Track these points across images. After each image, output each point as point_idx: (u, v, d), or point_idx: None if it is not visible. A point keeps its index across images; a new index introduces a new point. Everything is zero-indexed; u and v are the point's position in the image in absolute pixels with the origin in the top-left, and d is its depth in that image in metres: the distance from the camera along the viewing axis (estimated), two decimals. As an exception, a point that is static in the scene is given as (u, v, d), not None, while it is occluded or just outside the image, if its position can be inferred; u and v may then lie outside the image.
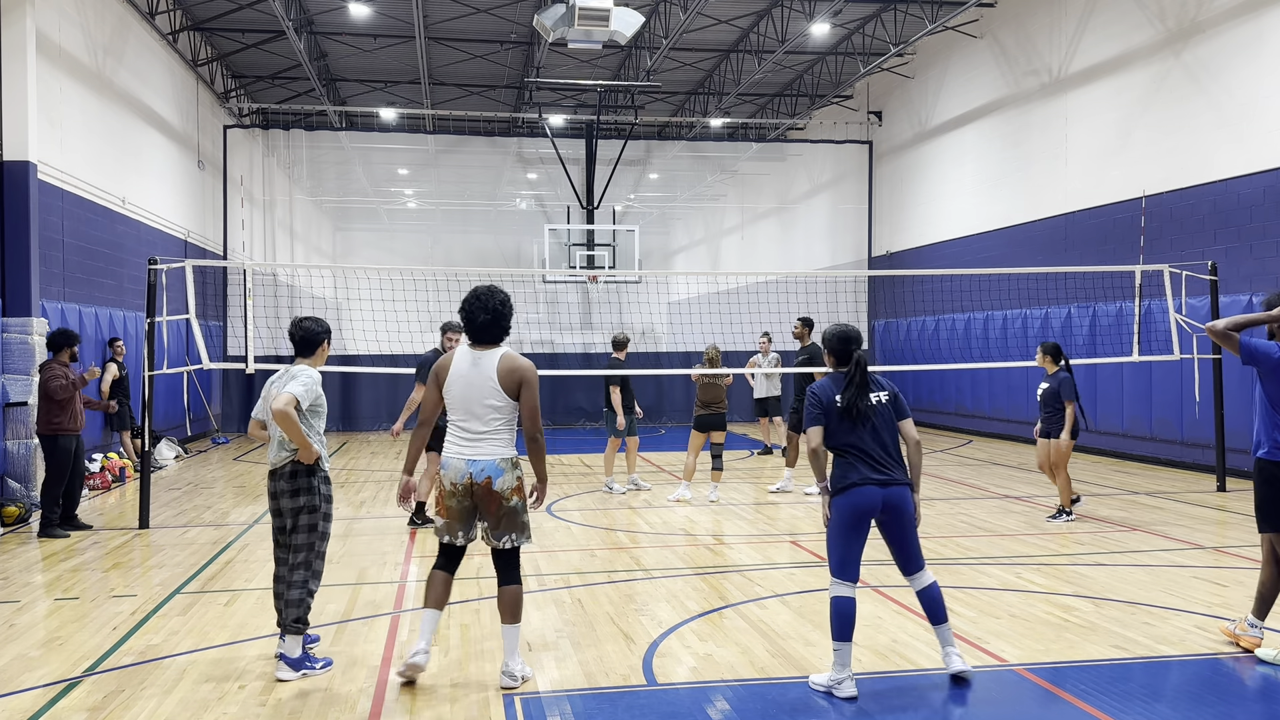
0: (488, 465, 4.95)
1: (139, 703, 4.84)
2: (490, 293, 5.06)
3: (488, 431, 4.97)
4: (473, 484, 4.95)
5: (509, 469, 4.99)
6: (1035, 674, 5.19)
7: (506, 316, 5.01)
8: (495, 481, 4.94)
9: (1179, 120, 13.32)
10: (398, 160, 21.91)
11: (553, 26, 13.56)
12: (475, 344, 5.05)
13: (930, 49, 19.37)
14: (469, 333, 5.07)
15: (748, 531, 9.21)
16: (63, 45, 12.42)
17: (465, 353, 5.05)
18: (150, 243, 15.35)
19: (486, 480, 4.93)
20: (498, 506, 4.96)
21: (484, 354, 5.01)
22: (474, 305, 5.03)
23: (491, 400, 4.94)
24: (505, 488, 4.96)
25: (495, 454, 4.96)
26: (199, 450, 16.56)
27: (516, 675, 5.06)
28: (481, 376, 4.95)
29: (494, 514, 4.98)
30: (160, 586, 7.22)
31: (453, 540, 5.11)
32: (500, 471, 4.96)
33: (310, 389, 5.30)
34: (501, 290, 5.10)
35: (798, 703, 4.82)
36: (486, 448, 4.96)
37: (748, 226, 23.71)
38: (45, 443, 9.33)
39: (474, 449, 4.97)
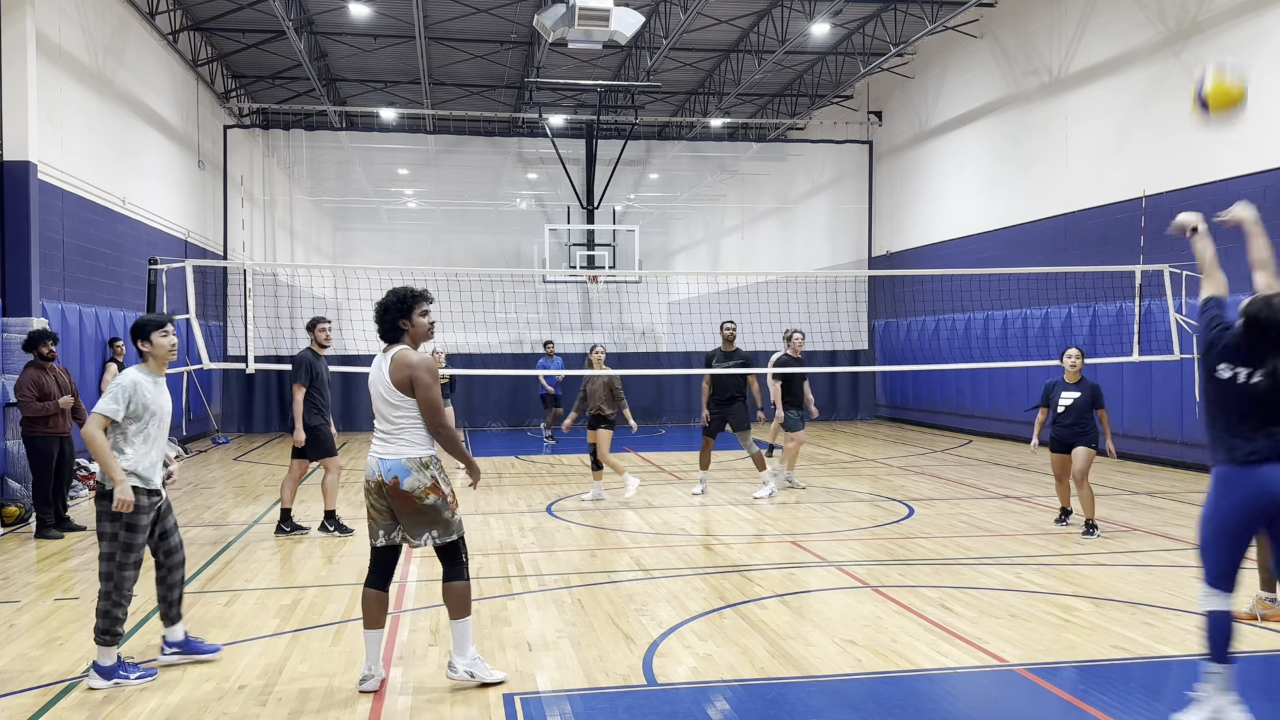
0: (394, 465, 4.87)
1: (139, 703, 4.85)
2: (388, 293, 5.04)
3: (392, 430, 4.93)
4: (382, 483, 4.88)
5: (417, 468, 4.87)
6: (1035, 674, 5.19)
7: (390, 312, 4.96)
8: (403, 481, 4.84)
9: (1179, 120, 13.32)
10: (398, 160, 21.92)
11: (553, 26, 13.57)
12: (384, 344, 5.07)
13: (930, 49, 19.37)
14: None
15: (747, 532, 9.21)
16: (63, 45, 12.42)
17: (378, 354, 5.09)
18: (150, 243, 15.35)
19: (394, 480, 4.85)
20: (410, 506, 4.88)
21: (384, 354, 5.02)
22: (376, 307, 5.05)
23: (389, 398, 4.91)
24: (416, 488, 4.86)
25: (402, 453, 4.88)
26: (199, 450, 16.57)
27: (459, 670, 4.99)
28: (381, 376, 4.96)
29: (407, 514, 4.90)
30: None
31: (374, 541, 5.05)
32: (407, 471, 4.86)
33: (116, 398, 5.09)
34: (400, 288, 5.03)
35: (797, 703, 4.82)
36: (393, 447, 4.91)
37: (748, 226, 23.71)
38: (25, 444, 9.32)
39: (383, 448, 4.94)
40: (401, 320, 4.98)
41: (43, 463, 9.17)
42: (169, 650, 5.47)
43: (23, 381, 9.18)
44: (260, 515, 10.24)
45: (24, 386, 9.13)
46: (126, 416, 5.14)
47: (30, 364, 9.31)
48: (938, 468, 13.78)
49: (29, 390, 9.09)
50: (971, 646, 5.62)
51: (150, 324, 5.31)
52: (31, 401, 9.05)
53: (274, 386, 20.16)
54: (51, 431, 9.20)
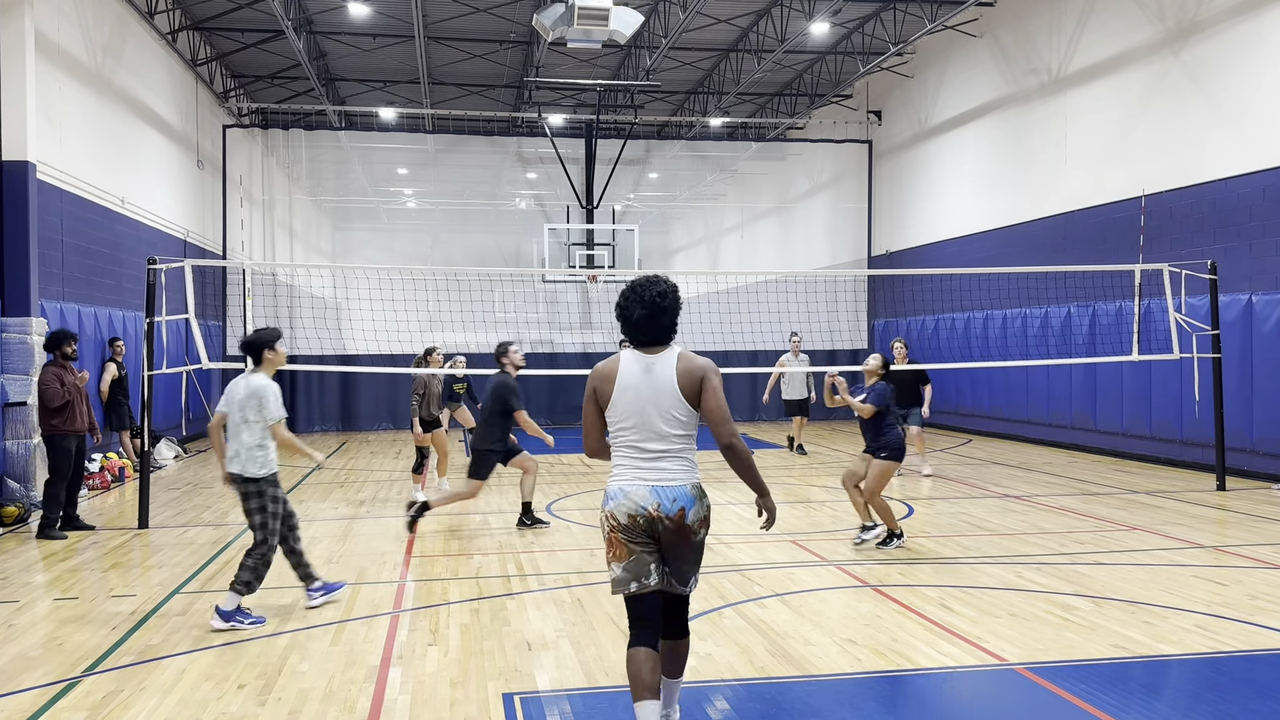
0: (679, 493, 3.99)
1: (138, 703, 4.84)
2: (649, 284, 4.09)
3: (670, 451, 4.03)
4: (662, 517, 3.97)
5: (700, 496, 4.06)
6: (1035, 673, 5.18)
7: (670, 313, 4.05)
8: (689, 514, 4.00)
9: (1178, 119, 13.31)
10: (397, 160, 21.90)
11: (552, 26, 13.55)
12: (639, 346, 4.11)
13: (930, 48, 19.36)
14: (627, 333, 4.15)
15: (747, 531, 9.20)
16: (61, 45, 12.40)
17: (628, 355, 4.10)
18: (149, 242, 15.34)
19: (680, 513, 3.98)
20: (690, 543, 4.06)
21: (654, 356, 4.05)
22: (629, 299, 4.08)
23: (676, 413, 4.00)
24: (696, 520, 4.03)
25: (688, 479, 4.03)
26: (198, 450, 16.56)
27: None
28: (662, 383, 4.00)
29: (687, 552, 4.08)
30: (159, 586, 7.21)
31: (641, 589, 4.04)
32: (692, 501, 4.02)
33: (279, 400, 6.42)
34: (663, 280, 4.11)
35: (797, 702, 4.81)
36: (673, 472, 4.02)
37: (747, 226, 23.70)
38: (45, 443, 9.33)
39: (656, 474, 4.01)
40: (671, 321, 4.07)
41: (64, 460, 9.20)
42: (316, 596, 6.61)
43: (46, 378, 9.25)
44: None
45: (48, 382, 9.20)
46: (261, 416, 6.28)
47: (51, 362, 9.40)
48: (937, 466, 13.78)
49: (54, 385, 9.16)
50: (971, 645, 5.61)
51: (274, 336, 6.51)
52: (55, 386, 9.12)
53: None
54: (71, 429, 9.23)
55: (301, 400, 20.13)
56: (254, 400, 6.25)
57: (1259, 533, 8.89)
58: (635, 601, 4.05)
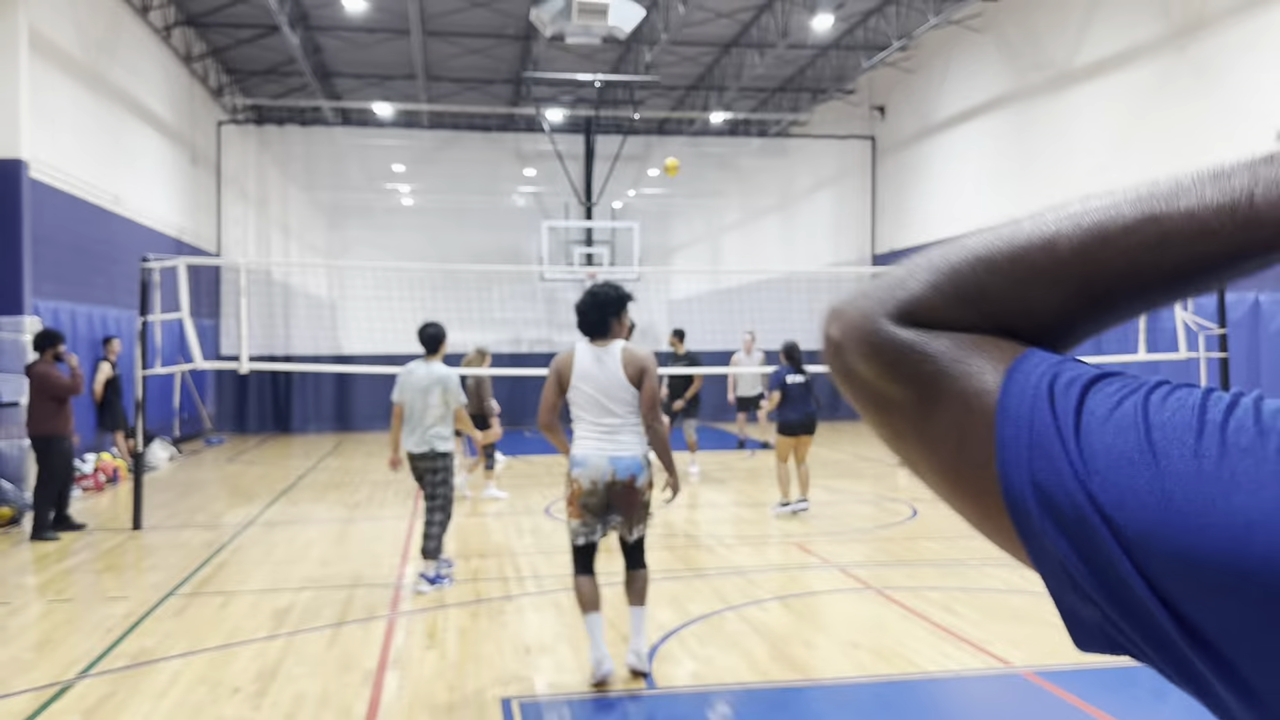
0: (631, 462, 4.91)
1: (132, 706, 4.76)
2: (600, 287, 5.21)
3: (618, 426, 4.94)
4: (615, 481, 4.88)
5: (647, 465, 5.00)
6: (1041, 677, 5.10)
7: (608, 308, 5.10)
8: (639, 479, 4.93)
9: (1185, 115, 13.23)
10: (394, 156, 21.79)
11: (551, 21, 13.46)
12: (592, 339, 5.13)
13: (933, 43, 19.26)
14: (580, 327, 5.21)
15: (748, 533, 9.12)
16: (55, 41, 12.29)
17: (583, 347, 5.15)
18: (143, 241, 15.22)
19: (630, 478, 4.89)
20: (636, 502, 4.95)
21: (601, 348, 5.08)
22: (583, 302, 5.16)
23: (622, 395, 4.94)
24: (644, 484, 4.98)
25: (636, 450, 4.95)
26: (192, 451, 16.47)
27: (644, 660, 5.05)
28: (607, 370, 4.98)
29: (632, 509, 4.97)
30: (154, 589, 7.12)
31: (590, 539, 5.02)
32: (641, 468, 4.95)
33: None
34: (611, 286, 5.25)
35: (799, 707, 4.73)
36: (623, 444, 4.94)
37: (749, 223, 23.61)
38: (41, 444, 9.11)
39: (611, 445, 4.92)
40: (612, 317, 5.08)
41: (60, 462, 9.10)
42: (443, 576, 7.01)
43: (44, 372, 9.11)
44: (255, 516, 10.14)
45: (50, 376, 9.07)
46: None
47: (40, 361, 9.26)
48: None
49: (55, 378, 9.06)
50: (976, 649, 5.53)
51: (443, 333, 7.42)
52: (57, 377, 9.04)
53: (268, 387, 20.04)
54: (64, 431, 9.14)
55: (296, 400, 20.03)
56: (439, 385, 7.10)
57: (1265, 532, 8.80)
58: (582, 549, 5.05)
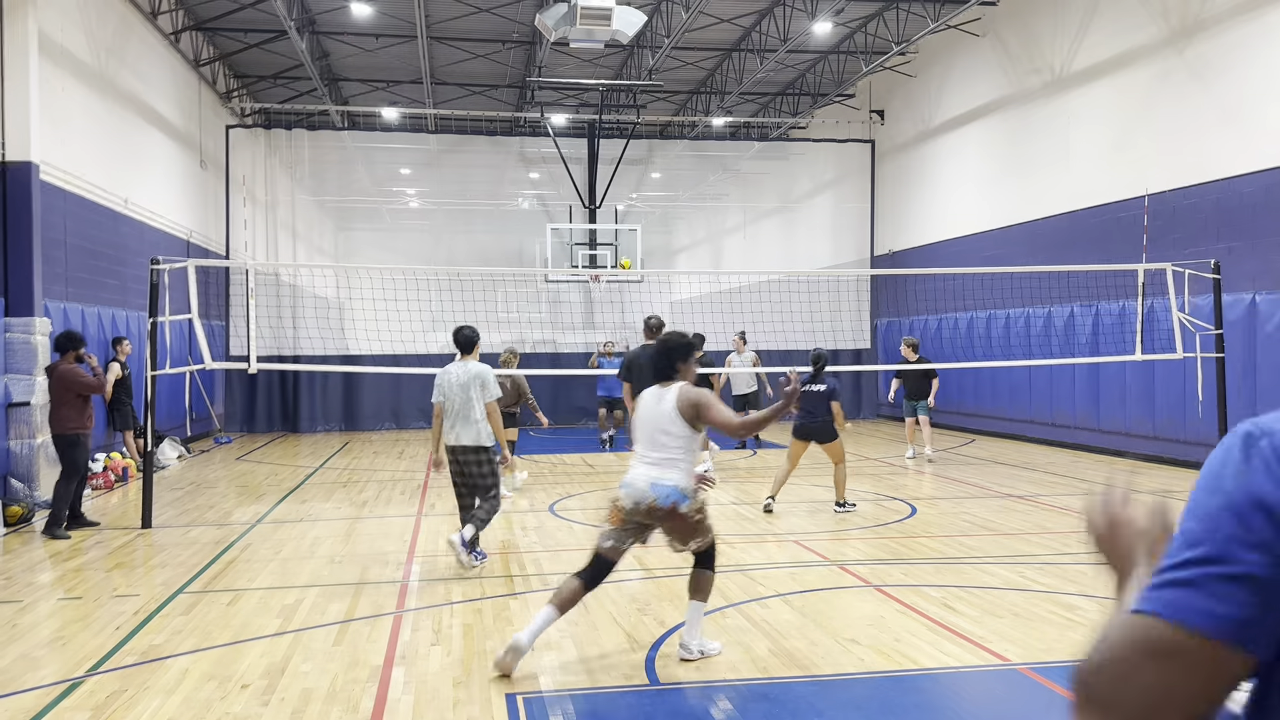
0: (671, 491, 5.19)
1: (142, 702, 4.84)
2: (669, 336, 5.62)
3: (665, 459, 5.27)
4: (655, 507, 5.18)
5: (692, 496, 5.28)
6: (1039, 674, 5.17)
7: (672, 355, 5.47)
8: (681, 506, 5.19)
9: (1182, 118, 13.29)
10: (400, 160, 21.91)
11: (555, 26, 13.55)
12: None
13: (932, 47, 19.34)
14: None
15: (750, 531, 9.20)
16: (65, 46, 12.42)
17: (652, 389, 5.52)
18: (153, 243, 15.35)
19: (672, 505, 5.17)
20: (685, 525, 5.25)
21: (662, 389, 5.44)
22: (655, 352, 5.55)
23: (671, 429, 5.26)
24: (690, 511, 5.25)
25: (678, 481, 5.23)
26: (201, 450, 16.58)
27: (693, 648, 5.42)
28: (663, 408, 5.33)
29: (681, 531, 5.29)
30: (163, 586, 7.22)
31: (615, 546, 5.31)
32: (685, 499, 5.21)
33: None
34: (679, 335, 5.61)
35: (800, 702, 4.81)
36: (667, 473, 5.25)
37: (750, 226, 23.68)
38: (63, 442, 9.27)
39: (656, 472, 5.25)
40: (679, 362, 5.46)
41: (82, 459, 9.33)
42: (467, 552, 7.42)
43: (68, 371, 9.32)
44: (263, 514, 10.24)
45: (75, 374, 9.29)
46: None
47: (59, 362, 9.50)
48: (940, 467, 13.77)
49: (81, 377, 9.30)
50: (975, 646, 5.60)
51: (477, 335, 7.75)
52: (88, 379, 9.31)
53: (276, 387, 20.16)
54: (86, 429, 9.37)
55: (304, 400, 20.14)
56: (477, 380, 7.44)
57: (1263, 532, 8.86)
58: (600, 555, 5.29)
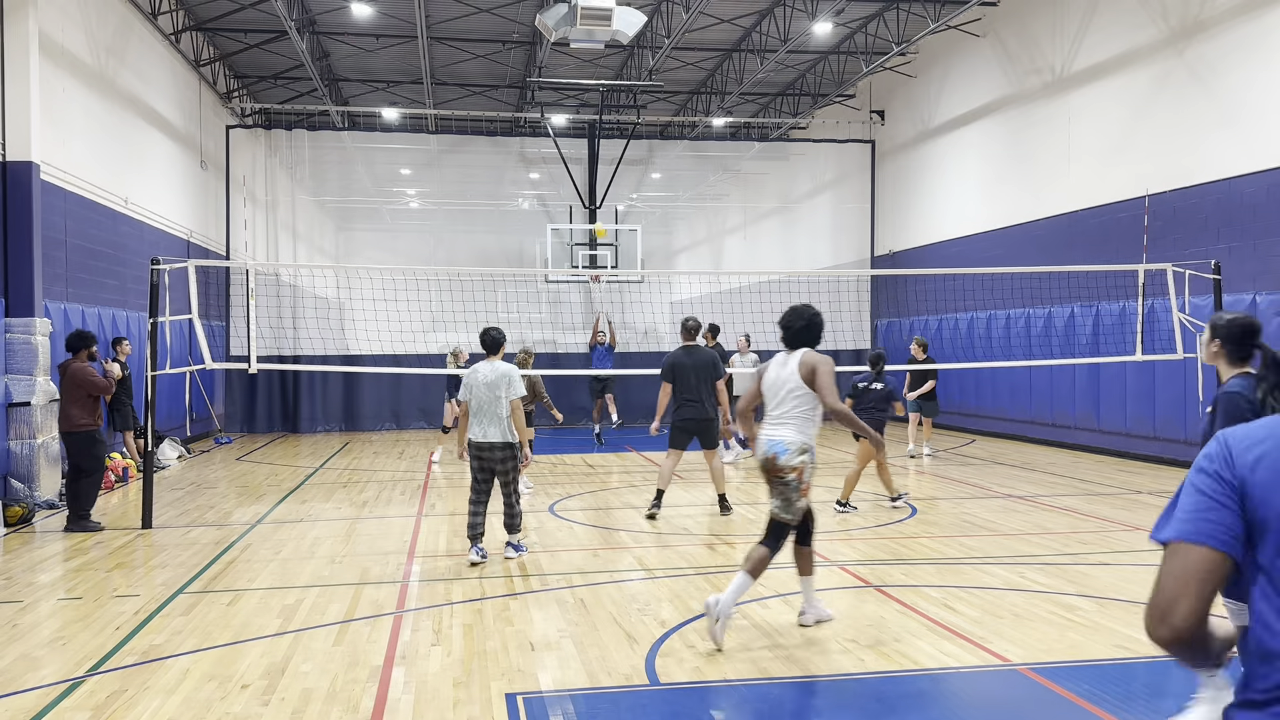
0: (778, 445, 5.79)
1: (142, 702, 4.85)
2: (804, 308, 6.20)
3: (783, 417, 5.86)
4: (765, 458, 5.82)
5: (793, 451, 5.76)
6: (1038, 674, 5.18)
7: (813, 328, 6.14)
8: (780, 459, 5.75)
9: (1182, 119, 13.29)
10: (400, 160, 21.91)
11: (555, 26, 13.55)
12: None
13: (933, 48, 19.35)
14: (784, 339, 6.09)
15: (750, 531, 9.20)
16: (65, 46, 12.43)
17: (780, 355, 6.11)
18: (153, 243, 15.36)
19: (772, 456, 5.78)
20: (777, 478, 5.80)
21: (788, 355, 6.04)
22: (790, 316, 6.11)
23: (796, 390, 5.83)
24: (786, 465, 5.76)
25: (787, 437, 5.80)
26: (201, 450, 16.58)
27: (810, 617, 6.02)
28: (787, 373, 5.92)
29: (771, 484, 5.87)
30: (163, 586, 7.23)
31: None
32: (786, 450, 5.75)
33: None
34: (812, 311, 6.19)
35: (800, 703, 4.81)
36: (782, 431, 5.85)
37: (750, 226, 23.69)
38: (77, 439, 9.49)
39: (774, 431, 5.87)
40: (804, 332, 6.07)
41: (100, 454, 9.58)
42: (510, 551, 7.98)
43: (83, 370, 9.49)
44: (263, 515, 10.25)
45: (87, 372, 9.49)
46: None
47: (72, 360, 9.63)
48: (940, 467, 13.77)
49: (92, 377, 9.50)
50: (974, 646, 5.61)
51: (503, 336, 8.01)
52: (99, 380, 9.50)
53: (276, 387, 20.17)
54: (98, 425, 9.60)
55: (305, 400, 20.15)
56: (505, 379, 7.70)
57: (1263, 533, 8.86)
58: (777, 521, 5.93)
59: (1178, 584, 1.67)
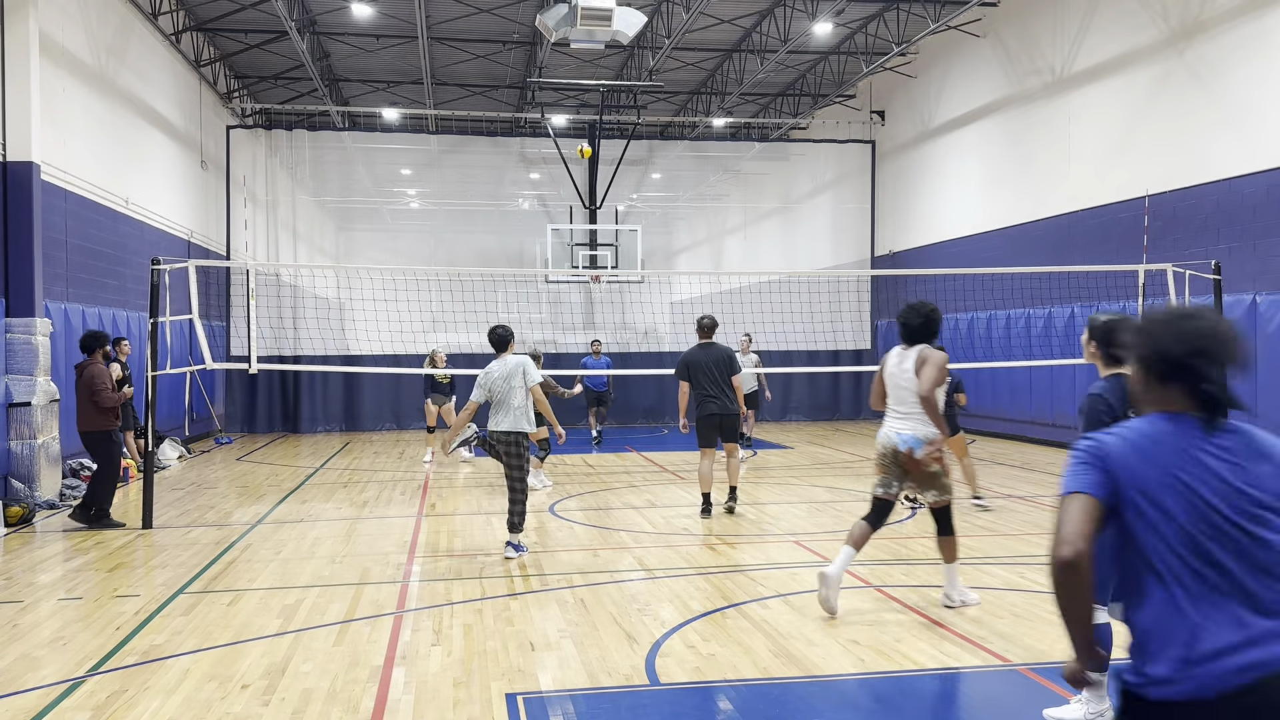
0: (909, 439, 6.18)
1: (142, 702, 4.85)
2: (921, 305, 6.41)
3: (909, 412, 6.22)
4: (897, 451, 6.20)
5: (927, 443, 6.16)
6: (1039, 674, 5.18)
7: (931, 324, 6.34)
8: (916, 452, 6.14)
9: (1182, 119, 13.30)
10: (400, 160, 21.92)
11: (555, 26, 13.56)
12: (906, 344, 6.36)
13: (933, 48, 19.35)
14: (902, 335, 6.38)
15: (750, 531, 9.20)
16: (66, 46, 12.43)
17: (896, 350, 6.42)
18: (153, 243, 15.37)
19: (909, 451, 6.14)
20: (920, 471, 6.19)
21: (904, 351, 6.35)
22: (904, 311, 6.38)
23: (909, 386, 6.20)
24: (926, 457, 6.16)
25: (917, 430, 6.19)
26: (202, 450, 16.58)
27: (955, 599, 6.36)
28: (904, 368, 6.28)
29: (916, 476, 6.24)
30: (163, 586, 7.23)
31: (884, 492, 6.34)
32: (920, 444, 6.14)
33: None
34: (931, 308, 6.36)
35: (800, 702, 4.82)
36: (910, 424, 6.22)
37: (750, 226, 23.69)
38: (91, 439, 9.62)
39: (901, 424, 6.25)
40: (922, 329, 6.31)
41: (116, 453, 9.69)
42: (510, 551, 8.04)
43: (98, 374, 9.59)
44: (264, 515, 10.25)
45: (103, 377, 9.59)
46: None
47: (87, 361, 9.70)
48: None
49: (107, 381, 9.60)
50: (974, 646, 5.61)
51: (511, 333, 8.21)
52: (110, 392, 9.57)
53: (276, 387, 20.18)
54: (114, 425, 9.70)
55: (305, 400, 20.15)
56: (520, 369, 7.88)
57: (1263, 533, 8.86)
58: (877, 499, 6.36)
59: (1071, 518, 2.32)
